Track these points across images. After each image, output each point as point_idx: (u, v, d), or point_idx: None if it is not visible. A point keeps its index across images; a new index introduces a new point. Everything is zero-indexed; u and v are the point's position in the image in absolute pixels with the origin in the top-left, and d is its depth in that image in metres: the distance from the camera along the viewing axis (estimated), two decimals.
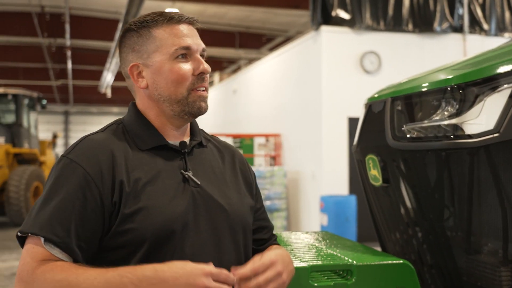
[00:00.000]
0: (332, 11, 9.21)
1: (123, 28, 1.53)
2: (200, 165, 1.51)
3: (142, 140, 1.46)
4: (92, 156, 1.38)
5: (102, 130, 1.50)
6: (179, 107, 1.46)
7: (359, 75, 9.25)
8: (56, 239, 1.29)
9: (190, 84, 1.46)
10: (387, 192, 2.37)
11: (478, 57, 2.17)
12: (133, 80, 1.49)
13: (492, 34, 9.91)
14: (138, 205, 1.35)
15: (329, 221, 8.41)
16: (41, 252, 1.30)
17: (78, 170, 1.35)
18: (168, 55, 1.45)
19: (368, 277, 1.94)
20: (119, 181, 1.35)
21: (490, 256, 2.09)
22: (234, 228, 1.48)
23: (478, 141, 1.95)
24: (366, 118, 2.49)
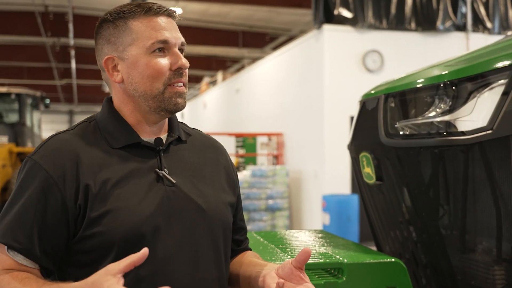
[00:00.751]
0: (335, 9, 9.18)
1: (100, 19, 1.45)
2: (177, 162, 1.44)
3: (114, 138, 1.39)
4: (56, 157, 1.32)
5: (72, 128, 1.43)
6: (154, 103, 1.38)
7: (361, 74, 9.21)
8: (17, 245, 1.26)
9: (167, 79, 1.38)
10: (380, 190, 2.34)
11: (472, 53, 2.15)
12: (108, 74, 1.42)
13: (496, 32, 9.85)
14: (105, 207, 1.29)
15: (331, 220, 8.39)
16: (5, 261, 1.27)
17: (40, 173, 1.30)
18: (144, 48, 1.37)
19: (359, 276, 1.92)
20: (84, 184, 1.30)
21: (484, 254, 2.06)
22: (212, 228, 1.42)
23: (471, 138, 1.93)
24: (360, 115, 2.46)
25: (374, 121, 2.28)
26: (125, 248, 1.27)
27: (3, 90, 13.34)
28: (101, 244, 1.28)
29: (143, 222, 1.31)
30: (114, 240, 1.28)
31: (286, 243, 2.36)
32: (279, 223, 9.75)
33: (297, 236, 2.53)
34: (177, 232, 1.35)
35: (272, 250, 2.16)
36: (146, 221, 1.31)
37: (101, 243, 1.28)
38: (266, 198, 9.67)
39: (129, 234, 1.29)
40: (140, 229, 1.30)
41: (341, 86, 9.11)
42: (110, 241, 1.28)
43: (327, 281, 1.88)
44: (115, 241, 1.28)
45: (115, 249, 1.28)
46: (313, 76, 9.57)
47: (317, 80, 9.34)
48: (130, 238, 1.29)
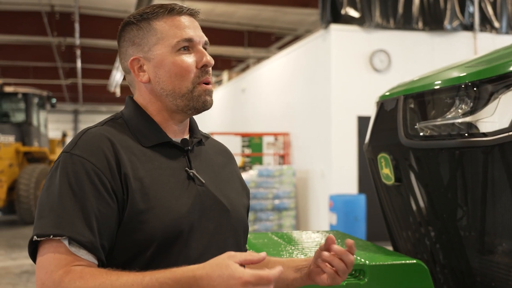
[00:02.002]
0: (342, 9, 9.17)
1: (122, 22, 1.46)
2: (201, 163, 1.46)
3: (144, 136, 1.39)
4: (98, 149, 1.30)
5: (101, 124, 1.42)
6: (183, 102, 1.40)
7: (368, 74, 9.20)
8: (82, 238, 1.21)
9: (195, 77, 1.39)
10: (399, 191, 2.34)
11: (492, 54, 2.14)
12: (134, 75, 1.42)
13: (503, 32, 9.84)
14: (145, 204, 1.29)
15: (338, 220, 8.38)
16: (65, 258, 1.21)
17: (86, 165, 1.28)
18: (170, 47, 1.38)
19: (380, 277, 1.91)
20: (124, 175, 1.29)
21: (504, 256, 2.06)
22: (235, 228, 1.45)
23: (493, 139, 1.92)
24: (378, 116, 2.46)
25: (393, 122, 2.27)
26: (164, 245, 1.29)
27: (10, 89, 13.37)
28: (141, 240, 1.28)
29: (182, 219, 1.32)
30: (154, 237, 1.28)
31: (302, 244, 2.36)
32: (286, 223, 9.75)
33: (313, 237, 2.53)
34: (208, 230, 1.38)
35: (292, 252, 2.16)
36: (184, 219, 1.33)
37: (141, 239, 1.28)
38: (273, 198, 9.67)
39: (169, 231, 1.30)
40: (179, 227, 1.31)
41: (348, 86, 9.11)
42: (150, 238, 1.28)
43: (349, 282, 1.88)
44: (156, 237, 1.28)
45: (154, 245, 1.28)
46: (320, 76, 9.57)
47: (324, 80, 9.33)
48: (169, 235, 1.30)
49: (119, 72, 17.59)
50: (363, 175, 9.09)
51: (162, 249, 1.29)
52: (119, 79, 18.94)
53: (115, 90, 21.60)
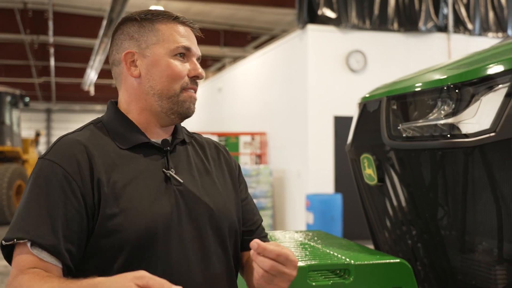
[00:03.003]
0: (318, 9, 9.23)
1: (123, 17, 1.49)
2: (183, 163, 1.47)
3: (122, 138, 1.41)
4: (70, 155, 1.32)
5: (79, 130, 1.44)
6: (168, 104, 1.42)
7: (345, 74, 9.28)
8: (43, 241, 1.24)
9: (184, 83, 1.44)
10: (382, 191, 2.37)
11: (473, 57, 2.18)
12: (125, 67, 1.44)
13: (476, 34, 10.00)
14: (118, 207, 1.30)
15: (314, 219, 8.43)
16: (27, 260, 1.24)
17: (57, 170, 1.30)
18: (168, 50, 1.42)
19: (365, 276, 1.94)
20: (97, 179, 1.31)
21: (485, 255, 2.10)
22: (220, 227, 1.44)
23: (474, 140, 1.97)
24: (361, 117, 2.48)
25: (376, 123, 2.30)
26: (139, 248, 1.29)
27: None
28: (114, 243, 1.28)
29: (156, 222, 1.32)
30: (127, 240, 1.28)
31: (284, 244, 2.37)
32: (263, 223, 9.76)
33: (297, 236, 2.54)
34: (188, 231, 1.38)
35: None
36: (159, 221, 1.33)
37: (114, 243, 1.28)
38: None
39: (143, 234, 1.30)
40: (153, 229, 1.31)
41: (324, 86, 9.16)
42: (123, 241, 1.28)
43: (334, 281, 1.90)
44: (129, 241, 1.28)
45: (128, 249, 1.28)
46: (296, 76, 9.61)
47: (301, 79, 9.37)
48: (143, 238, 1.30)
49: (93, 70, 17.41)
50: (340, 175, 9.16)
51: (138, 252, 1.30)
52: (93, 77, 18.73)
53: (89, 89, 21.37)
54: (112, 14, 11.61)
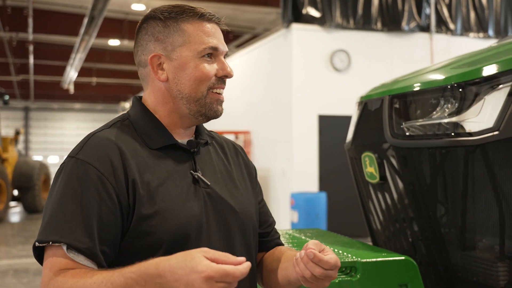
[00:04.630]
0: (303, 9, 9.26)
1: (146, 15, 1.45)
2: (207, 164, 1.46)
3: (151, 139, 1.40)
4: (103, 155, 1.30)
5: (107, 127, 1.42)
6: (196, 107, 1.40)
7: (329, 73, 9.32)
8: (80, 245, 1.21)
9: (211, 83, 1.41)
10: (383, 189, 2.39)
11: (476, 55, 2.21)
12: (152, 71, 1.41)
13: (458, 34, 10.13)
14: (153, 208, 1.29)
15: (299, 218, 8.45)
16: (61, 262, 1.22)
17: (91, 171, 1.28)
18: (195, 52, 1.39)
19: (372, 274, 1.95)
20: (132, 180, 1.29)
21: (486, 252, 2.13)
22: (244, 229, 1.45)
23: (478, 139, 1.99)
24: (362, 116, 2.50)
25: (378, 121, 2.31)
26: (172, 249, 1.27)
27: None
28: (150, 244, 1.28)
29: (189, 223, 1.32)
30: (163, 241, 1.28)
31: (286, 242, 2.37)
32: None
33: (296, 236, 2.55)
34: (216, 232, 1.38)
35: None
36: (192, 222, 1.33)
37: (150, 244, 1.28)
38: None
39: (176, 234, 1.30)
40: (187, 230, 1.32)
41: (309, 85, 9.20)
42: (159, 242, 1.28)
43: (342, 279, 1.91)
44: (164, 241, 1.28)
45: (162, 249, 1.28)
46: (281, 75, 9.63)
47: (285, 78, 9.39)
48: (177, 238, 1.30)
49: (73, 68, 17.23)
50: (324, 173, 9.21)
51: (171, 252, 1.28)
52: (73, 75, 18.54)
53: (68, 87, 21.13)
54: (93, 11, 11.51)
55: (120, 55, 18.60)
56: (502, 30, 10.41)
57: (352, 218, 8.94)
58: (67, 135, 30.44)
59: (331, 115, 9.24)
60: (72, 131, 30.50)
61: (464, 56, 2.32)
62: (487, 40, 10.07)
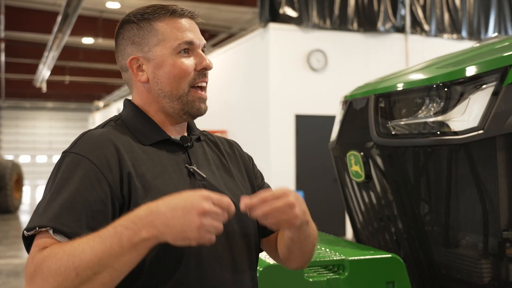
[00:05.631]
0: (280, 8, 9.27)
1: (121, 20, 1.47)
2: (202, 158, 1.48)
3: (144, 135, 1.41)
4: (97, 148, 1.31)
5: (101, 126, 1.44)
6: (179, 105, 1.42)
7: (306, 73, 9.35)
8: (66, 229, 1.20)
9: (192, 79, 1.42)
10: (368, 188, 2.40)
11: (461, 55, 2.24)
12: (133, 74, 1.43)
13: (432, 35, 10.26)
14: (149, 198, 1.27)
15: None
16: (47, 241, 1.21)
17: (84, 162, 1.28)
18: (171, 49, 1.40)
19: (360, 272, 1.96)
20: (127, 173, 1.30)
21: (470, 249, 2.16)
22: (243, 220, 1.45)
23: (463, 138, 2.02)
24: (347, 115, 2.51)
25: (363, 120, 2.33)
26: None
27: None
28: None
29: None
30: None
31: None
32: None
33: None
34: None
35: None
36: None
37: None
38: None
39: None
40: None
41: (286, 85, 9.22)
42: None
43: (330, 277, 1.92)
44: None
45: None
46: (258, 74, 9.63)
47: (263, 78, 9.40)
48: None
49: (46, 67, 16.98)
50: (301, 173, 9.24)
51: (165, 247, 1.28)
52: (45, 74, 18.28)
53: (41, 86, 20.83)
54: (67, 9, 11.36)
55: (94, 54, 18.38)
56: (475, 32, 10.58)
57: (329, 217, 9.00)
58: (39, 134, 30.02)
59: (308, 115, 9.28)
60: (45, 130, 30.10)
61: (449, 56, 2.35)
62: (461, 41, 10.22)
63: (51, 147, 30.40)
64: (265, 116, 9.27)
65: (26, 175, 16.81)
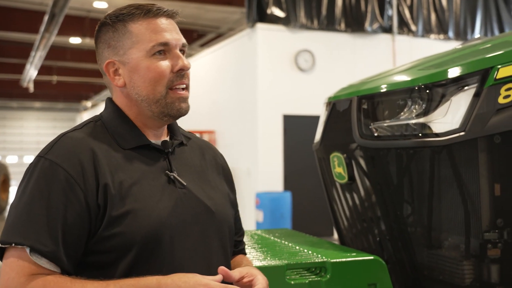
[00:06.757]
0: (267, 8, 9.27)
1: (99, 22, 1.43)
2: (183, 165, 1.44)
3: (124, 139, 1.37)
4: (73, 156, 1.28)
5: (79, 128, 1.39)
6: (157, 108, 1.38)
7: (293, 73, 9.36)
8: (43, 248, 1.20)
9: (169, 81, 1.37)
10: (351, 189, 2.40)
11: (443, 57, 2.24)
12: (110, 78, 1.41)
13: (419, 35, 10.31)
14: (125, 208, 1.27)
15: (264, 217, 8.47)
16: (27, 266, 1.20)
17: (59, 172, 1.25)
18: (145, 51, 1.36)
19: (342, 274, 1.96)
20: (104, 184, 1.27)
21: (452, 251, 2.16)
22: (220, 230, 1.44)
23: (445, 139, 2.02)
24: (330, 116, 2.51)
25: (346, 122, 2.33)
26: (145, 249, 1.27)
27: None
28: (121, 244, 1.26)
29: (162, 224, 1.31)
30: (134, 241, 1.26)
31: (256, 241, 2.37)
32: None
33: (266, 236, 2.55)
34: (192, 233, 1.36)
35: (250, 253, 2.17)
36: (165, 223, 1.31)
37: (121, 244, 1.26)
38: None
39: (149, 235, 1.28)
40: (160, 231, 1.30)
41: (274, 85, 9.22)
42: (130, 242, 1.26)
43: (312, 280, 1.91)
44: (136, 241, 1.26)
45: (134, 249, 1.27)
46: (246, 75, 9.63)
47: (251, 78, 9.40)
48: (149, 239, 1.28)
49: (33, 66, 16.86)
50: (289, 173, 9.25)
51: (144, 254, 1.28)
52: (33, 74, 18.14)
53: (28, 86, 20.67)
54: (54, 9, 11.27)
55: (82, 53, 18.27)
56: (462, 32, 10.64)
57: (316, 217, 9.01)
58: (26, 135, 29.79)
59: (295, 115, 9.28)
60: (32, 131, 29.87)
61: (431, 57, 2.36)
62: (448, 41, 10.28)
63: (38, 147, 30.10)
64: (253, 116, 9.26)
65: (13, 176, 16.71)
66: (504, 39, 2.17)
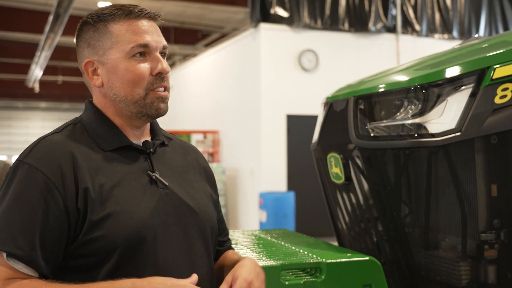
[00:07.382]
0: (271, 8, 9.27)
1: (81, 21, 1.43)
2: (165, 165, 1.44)
3: (104, 140, 1.37)
4: (52, 159, 1.27)
5: (59, 131, 1.39)
6: (136, 108, 1.37)
7: (297, 73, 9.35)
8: (20, 253, 1.20)
9: (148, 84, 1.37)
10: (348, 190, 2.40)
11: (439, 57, 2.24)
12: (88, 78, 1.40)
13: (423, 35, 10.28)
14: (106, 211, 1.26)
15: (268, 217, 8.46)
16: (4, 270, 1.20)
17: (38, 176, 1.25)
18: (124, 53, 1.35)
19: (337, 274, 1.96)
20: (84, 188, 1.26)
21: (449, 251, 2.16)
22: (203, 230, 1.43)
23: (441, 139, 2.02)
24: (327, 116, 2.51)
25: (343, 122, 2.32)
26: (127, 251, 1.27)
27: None
28: (103, 247, 1.25)
29: (144, 225, 1.30)
30: (116, 244, 1.26)
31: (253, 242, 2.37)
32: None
33: (262, 236, 2.55)
34: (174, 234, 1.36)
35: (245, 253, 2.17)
36: (147, 224, 1.30)
37: (103, 247, 1.25)
38: None
39: (131, 237, 1.27)
40: (141, 232, 1.29)
41: (277, 85, 9.22)
42: (112, 245, 1.26)
43: (307, 280, 1.91)
44: (118, 244, 1.26)
45: (117, 252, 1.26)
46: (249, 74, 9.62)
47: (254, 78, 9.40)
48: (132, 241, 1.27)
49: (38, 67, 16.92)
50: (292, 173, 9.24)
51: (126, 255, 1.27)
52: (38, 74, 18.20)
53: (33, 86, 20.74)
54: (59, 9, 11.30)
55: None
56: (466, 31, 10.60)
57: (320, 217, 8.98)
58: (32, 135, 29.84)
59: (299, 115, 9.27)
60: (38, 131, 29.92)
61: (428, 57, 2.35)
62: (452, 41, 10.24)
63: None
64: (257, 116, 9.26)
65: None
66: (501, 39, 2.16)
